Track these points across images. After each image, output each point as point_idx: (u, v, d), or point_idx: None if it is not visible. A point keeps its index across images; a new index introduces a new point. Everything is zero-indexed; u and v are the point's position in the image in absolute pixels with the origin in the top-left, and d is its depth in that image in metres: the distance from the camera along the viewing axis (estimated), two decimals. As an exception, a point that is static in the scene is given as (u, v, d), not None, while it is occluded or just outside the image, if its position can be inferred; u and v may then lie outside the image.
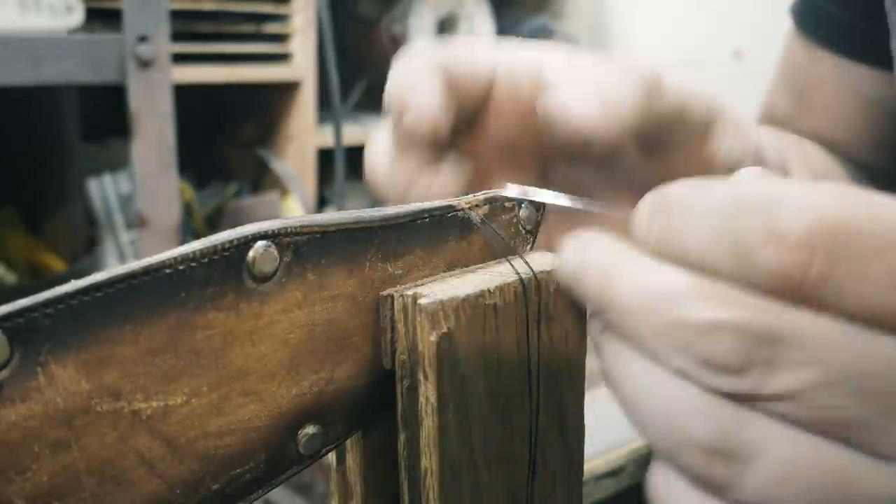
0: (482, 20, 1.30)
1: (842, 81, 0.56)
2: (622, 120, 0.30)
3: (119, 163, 1.05)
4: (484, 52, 0.34)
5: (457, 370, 0.25)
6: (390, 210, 0.26)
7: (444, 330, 0.24)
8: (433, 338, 0.24)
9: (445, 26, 1.29)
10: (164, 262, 0.21)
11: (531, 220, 0.29)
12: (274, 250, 0.23)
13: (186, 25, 0.99)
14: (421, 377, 0.25)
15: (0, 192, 1.05)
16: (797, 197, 0.20)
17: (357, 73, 1.29)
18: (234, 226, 0.23)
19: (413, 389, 0.25)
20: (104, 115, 0.99)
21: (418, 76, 0.32)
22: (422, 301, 0.24)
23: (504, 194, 0.29)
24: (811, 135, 0.58)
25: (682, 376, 0.22)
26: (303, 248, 0.24)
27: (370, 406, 0.26)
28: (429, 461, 0.25)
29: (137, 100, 0.70)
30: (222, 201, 1.16)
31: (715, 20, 1.50)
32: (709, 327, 0.21)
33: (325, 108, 1.11)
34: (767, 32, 0.60)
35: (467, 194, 0.29)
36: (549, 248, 0.28)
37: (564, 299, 0.27)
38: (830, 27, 0.55)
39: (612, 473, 0.63)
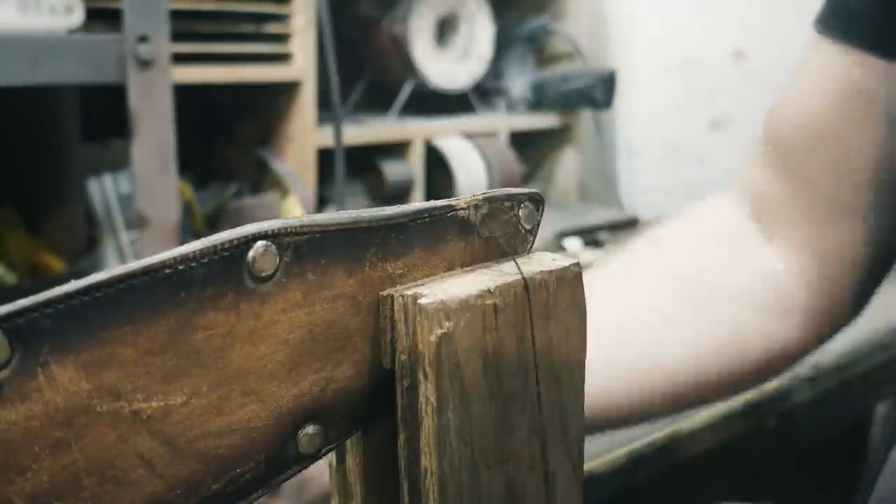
0: (482, 20, 1.30)
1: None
2: None
3: (119, 163, 1.05)
4: None
5: (457, 370, 0.25)
6: (390, 210, 0.26)
7: (444, 330, 0.24)
8: (433, 338, 0.24)
9: (445, 26, 1.29)
10: (164, 262, 0.21)
11: (531, 219, 0.29)
12: (274, 250, 0.23)
13: (186, 25, 0.99)
14: (421, 377, 0.25)
15: (0, 192, 1.05)
16: None
17: (357, 73, 1.29)
18: (234, 226, 0.23)
19: (413, 389, 0.25)
20: (104, 115, 0.99)
21: None
22: (422, 301, 0.24)
23: (504, 193, 0.29)
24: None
25: None
26: (303, 248, 0.24)
27: (370, 406, 0.26)
28: (429, 461, 0.25)
29: (137, 100, 0.70)
30: (222, 201, 1.16)
31: (715, 20, 1.50)
32: None
33: (325, 108, 1.10)
34: (767, 32, 0.60)
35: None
36: None
37: (564, 299, 0.27)
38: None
39: (613, 473, 0.64)
